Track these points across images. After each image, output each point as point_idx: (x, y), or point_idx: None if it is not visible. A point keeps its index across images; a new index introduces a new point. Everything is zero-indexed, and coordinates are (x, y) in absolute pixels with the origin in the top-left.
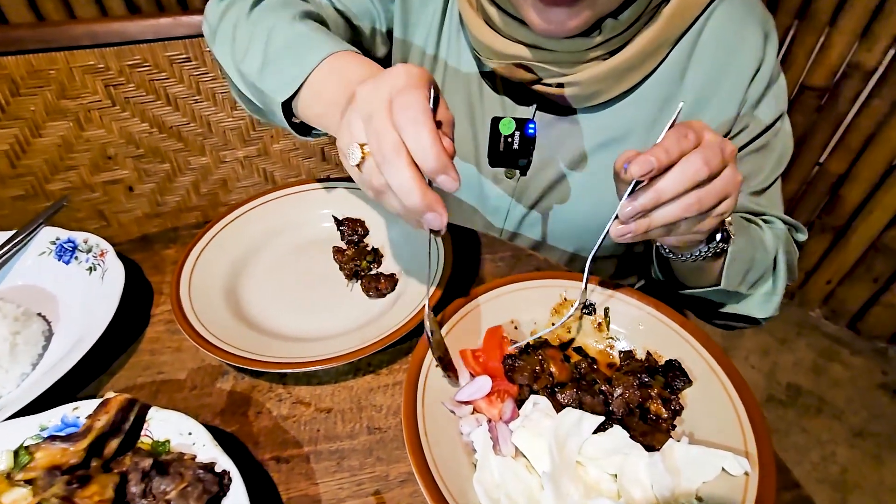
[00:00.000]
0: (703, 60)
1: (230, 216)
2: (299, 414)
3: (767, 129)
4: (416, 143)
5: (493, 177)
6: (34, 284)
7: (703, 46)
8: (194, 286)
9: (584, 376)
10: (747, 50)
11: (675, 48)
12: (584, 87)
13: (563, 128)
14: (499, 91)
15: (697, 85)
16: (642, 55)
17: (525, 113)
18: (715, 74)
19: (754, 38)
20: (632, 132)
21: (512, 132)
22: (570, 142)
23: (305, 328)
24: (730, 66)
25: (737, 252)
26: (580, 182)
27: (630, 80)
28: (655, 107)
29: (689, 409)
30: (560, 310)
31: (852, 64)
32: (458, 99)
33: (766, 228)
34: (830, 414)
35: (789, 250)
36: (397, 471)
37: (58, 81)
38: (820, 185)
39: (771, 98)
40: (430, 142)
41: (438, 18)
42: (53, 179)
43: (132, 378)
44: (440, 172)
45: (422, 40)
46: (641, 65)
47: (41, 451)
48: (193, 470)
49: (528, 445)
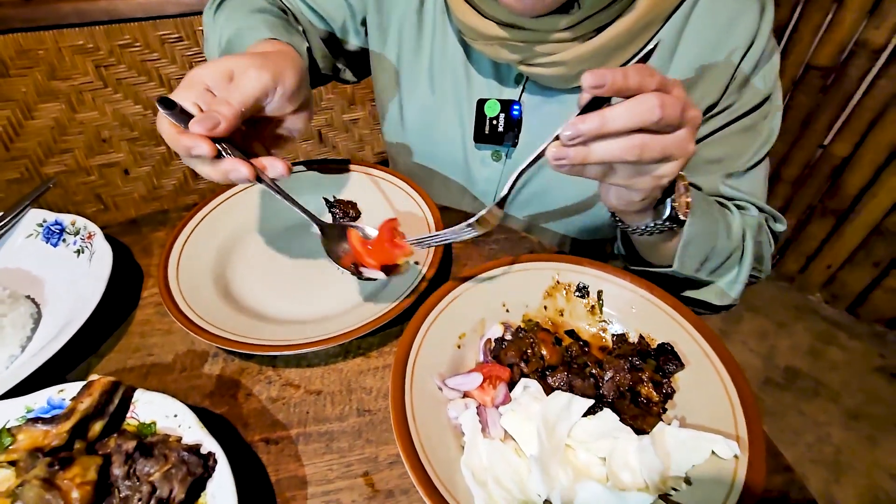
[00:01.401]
0: (695, 37)
1: (220, 197)
2: (289, 396)
3: (755, 109)
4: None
5: (481, 160)
6: (21, 267)
7: (694, 23)
8: (182, 269)
9: (574, 359)
10: (741, 25)
11: (666, 24)
12: (569, 67)
13: (550, 109)
14: (485, 73)
15: (688, 63)
16: (630, 33)
17: (512, 94)
18: (707, 52)
19: (750, 12)
20: None
21: (497, 114)
22: (557, 123)
23: (295, 310)
24: (722, 43)
25: (693, 236)
26: None
27: (618, 59)
28: None
29: (680, 393)
30: (553, 292)
31: (860, 42)
32: (445, 81)
33: (736, 215)
34: (827, 396)
35: (761, 240)
36: (386, 452)
37: (47, 62)
38: (823, 168)
39: (761, 76)
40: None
41: (415, 2)
42: (48, 162)
43: (122, 360)
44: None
45: (398, 25)
46: (629, 43)
47: (23, 434)
48: (178, 452)
49: (517, 429)
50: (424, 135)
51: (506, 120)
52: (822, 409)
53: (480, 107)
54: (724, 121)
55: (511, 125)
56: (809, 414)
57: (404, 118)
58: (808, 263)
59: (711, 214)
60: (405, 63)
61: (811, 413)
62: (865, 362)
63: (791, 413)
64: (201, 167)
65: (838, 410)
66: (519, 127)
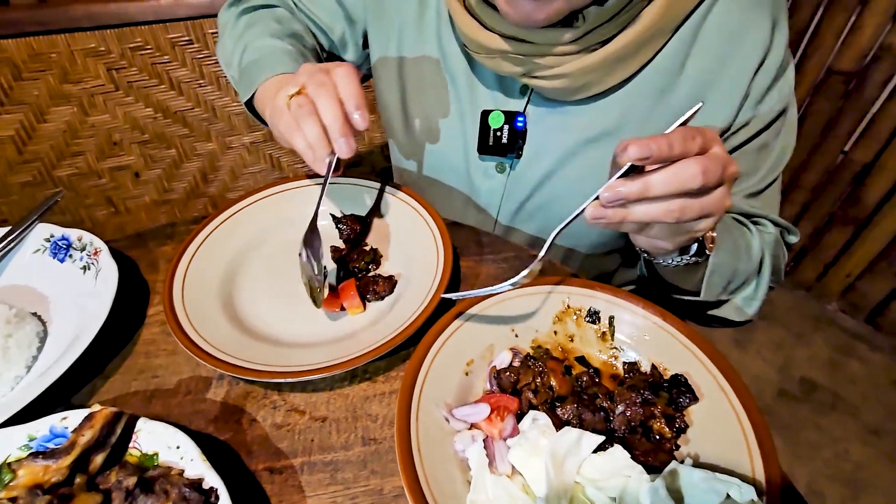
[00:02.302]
0: (706, 49)
1: (226, 213)
2: (293, 422)
3: (769, 126)
4: (345, 88)
5: (484, 171)
6: (28, 284)
7: (705, 34)
8: (188, 288)
9: (585, 389)
10: (753, 38)
11: (674, 36)
12: (572, 79)
13: (554, 121)
14: (489, 84)
15: (698, 76)
16: (636, 45)
17: (516, 106)
18: (717, 65)
19: (762, 25)
20: (625, 125)
21: (501, 125)
22: (561, 135)
23: (300, 332)
24: (733, 56)
25: (718, 265)
26: (572, 176)
27: (623, 71)
28: (651, 99)
29: (694, 428)
30: (563, 317)
31: (884, 46)
32: (448, 91)
33: (755, 234)
34: (845, 411)
35: (777, 253)
36: (391, 485)
37: (59, 65)
38: (844, 175)
39: (776, 92)
40: (354, 88)
41: (414, 13)
42: (60, 165)
43: (127, 382)
44: (357, 109)
45: (398, 36)
46: (635, 55)
47: (24, 469)
48: (179, 488)
49: (525, 464)
50: (428, 146)
51: (510, 131)
52: (840, 423)
53: (484, 118)
54: (741, 139)
55: (515, 137)
56: (827, 428)
57: (407, 129)
58: (826, 272)
59: (734, 241)
60: (407, 73)
61: (828, 428)
62: (886, 375)
63: (807, 427)
64: (313, 131)
65: (857, 425)
66: (523, 138)
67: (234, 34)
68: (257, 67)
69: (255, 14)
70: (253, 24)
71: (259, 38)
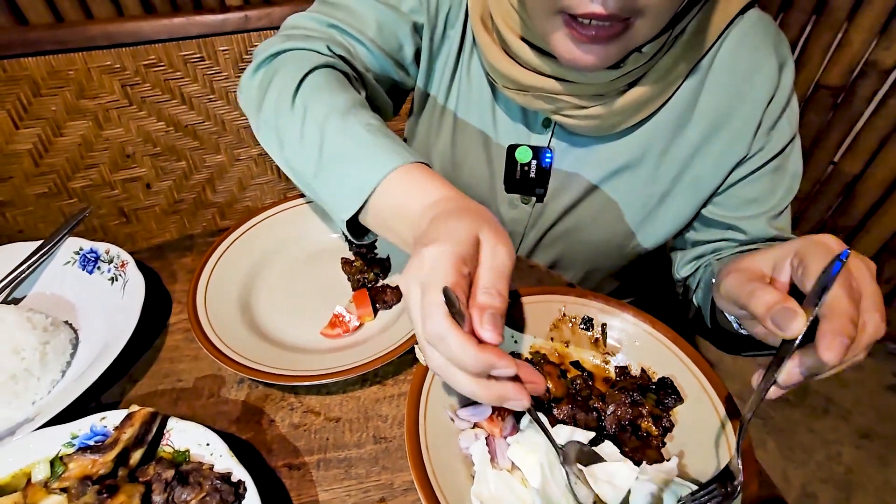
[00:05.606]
0: (717, 85)
1: (242, 227)
2: (310, 423)
3: (781, 152)
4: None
5: (509, 202)
6: (59, 293)
7: (716, 71)
8: (210, 298)
9: (579, 392)
10: (763, 77)
11: (689, 77)
12: (604, 119)
13: (578, 154)
14: (513, 116)
15: (711, 110)
16: (661, 85)
17: (539, 139)
18: (729, 100)
19: (769, 66)
20: (646, 158)
21: (528, 161)
22: (585, 168)
23: (315, 339)
24: (745, 93)
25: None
26: (595, 207)
27: (648, 110)
28: (669, 132)
29: (679, 426)
30: (559, 325)
31: (869, 62)
32: (472, 120)
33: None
34: (837, 414)
35: None
36: (401, 479)
37: (77, 82)
38: (833, 186)
39: (785, 121)
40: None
41: (458, 41)
42: (75, 177)
43: (153, 385)
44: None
45: (442, 64)
46: (660, 94)
47: (74, 462)
48: (211, 480)
49: (523, 460)
50: (452, 174)
51: (537, 167)
52: (833, 427)
53: (511, 152)
54: (756, 164)
55: (542, 172)
56: (819, 432)
57: (431, 156)
58: None
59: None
60: (436, 101)
61: (821, 431)
62: (877, 380)
63: (801, 431)
64: (465, 380)
65: (849, 429)
66: (549, 174)
67: (292, 115)
68: (352, 162)
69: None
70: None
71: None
